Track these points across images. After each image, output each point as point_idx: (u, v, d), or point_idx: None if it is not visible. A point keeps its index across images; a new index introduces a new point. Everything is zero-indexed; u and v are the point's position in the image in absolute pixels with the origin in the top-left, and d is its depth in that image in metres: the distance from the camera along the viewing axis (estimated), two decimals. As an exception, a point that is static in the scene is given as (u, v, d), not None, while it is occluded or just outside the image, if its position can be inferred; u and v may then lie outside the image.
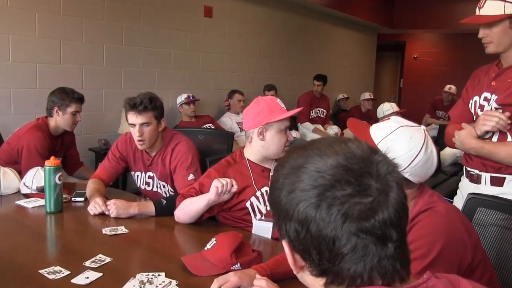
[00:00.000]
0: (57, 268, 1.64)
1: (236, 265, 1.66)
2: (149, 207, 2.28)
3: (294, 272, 0.79)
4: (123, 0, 4.67)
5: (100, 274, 1.61)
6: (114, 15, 4.61)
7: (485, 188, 2.07)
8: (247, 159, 2.28)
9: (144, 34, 4.93)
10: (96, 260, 1.72)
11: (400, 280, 0.73)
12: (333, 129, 6.34)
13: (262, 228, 2.15)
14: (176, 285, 1.56)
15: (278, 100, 2.24)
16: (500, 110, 2.00)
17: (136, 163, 2.70)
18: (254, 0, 6.31)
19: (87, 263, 1.69)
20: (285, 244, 0.78)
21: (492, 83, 2.08)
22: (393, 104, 5.05)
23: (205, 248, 1.75)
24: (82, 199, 2.49)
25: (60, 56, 4.21)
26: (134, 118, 2.48)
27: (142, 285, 1.54)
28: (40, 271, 1.61)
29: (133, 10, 4.78)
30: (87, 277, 1.59)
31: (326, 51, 8.29)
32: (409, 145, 1.39)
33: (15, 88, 3.96)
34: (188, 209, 2.12)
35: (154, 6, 5.01)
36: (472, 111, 2.19)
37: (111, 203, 2.25)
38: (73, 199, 2.50)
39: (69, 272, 1.61)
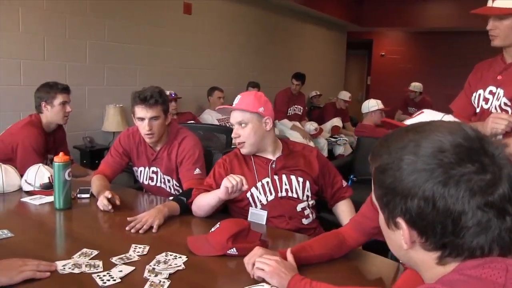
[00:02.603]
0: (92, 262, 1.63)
1: (232, 250, 1.72)
2: (175, 207, 2.19)
3: (404, 247, 0.81)
4: (105, -4, 4.61)
5: (132, 268, 1.60)
6: (96, 11, 4.53)
7: None
8: None
9: (126, 30, 4.87)
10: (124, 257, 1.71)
11: None
12: (312, 125, 6.42)
13: (257, 215, 2.21)
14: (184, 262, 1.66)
15: (238, 97, 2.25)
16: (510, 111, 2.03)
17: (139, 158, 2.67)
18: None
19: (114, 260, 1.67)
20: (401, 221, 0.80)
21: (498, 77, 2.12)
22: (379, 101, 5.13)
23: (211, 231, 1.83)
24: (87, 195, 2.46)
25: (44, 53, 4.12)
26: (144, 112, 2.45)
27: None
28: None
29: (114, 6, 4.71)
30: (121, 271, 1.59)
31: (300, 48, 8.37)
32: None
33: (-1, 84, 3.85)
34: (202, 204, 2.15)
35: (136, 3, 4.95)
36: (476, 103, 2.23)
37: (147, 218, 2.02)
38: (78, 195, 2.45)
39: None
